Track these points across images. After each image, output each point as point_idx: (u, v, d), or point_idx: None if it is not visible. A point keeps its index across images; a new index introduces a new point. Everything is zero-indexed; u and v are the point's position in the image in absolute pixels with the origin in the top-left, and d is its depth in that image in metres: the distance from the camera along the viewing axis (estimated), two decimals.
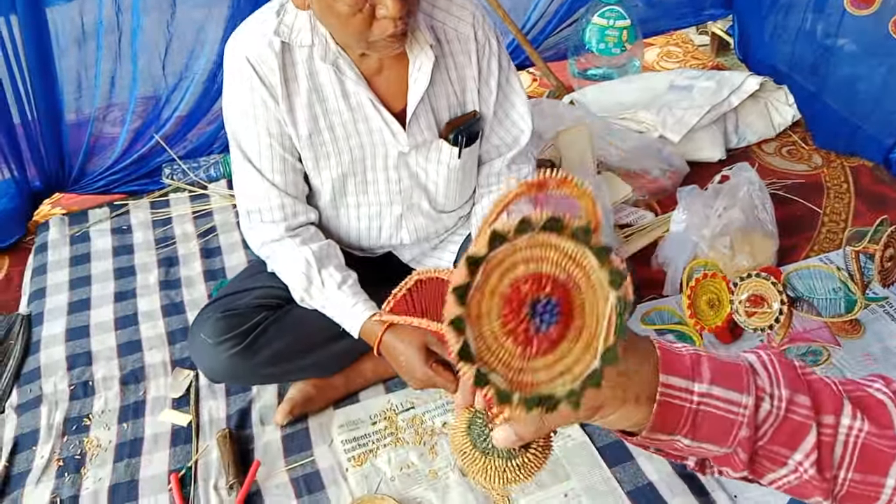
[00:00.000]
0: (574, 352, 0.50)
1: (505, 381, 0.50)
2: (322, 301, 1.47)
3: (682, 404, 0.59)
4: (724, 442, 0.61)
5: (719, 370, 0.61)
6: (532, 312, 0.49)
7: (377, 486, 1.47)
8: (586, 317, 0.50)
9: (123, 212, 2.34)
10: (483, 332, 0.49)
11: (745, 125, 2.50)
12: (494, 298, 0.49)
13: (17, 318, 1.95)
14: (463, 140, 1.49)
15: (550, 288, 0.49)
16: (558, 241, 0.48)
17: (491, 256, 0.48)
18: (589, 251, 0.49)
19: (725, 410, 0.60)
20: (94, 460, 1.56)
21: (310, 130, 1.42)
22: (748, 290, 1.53)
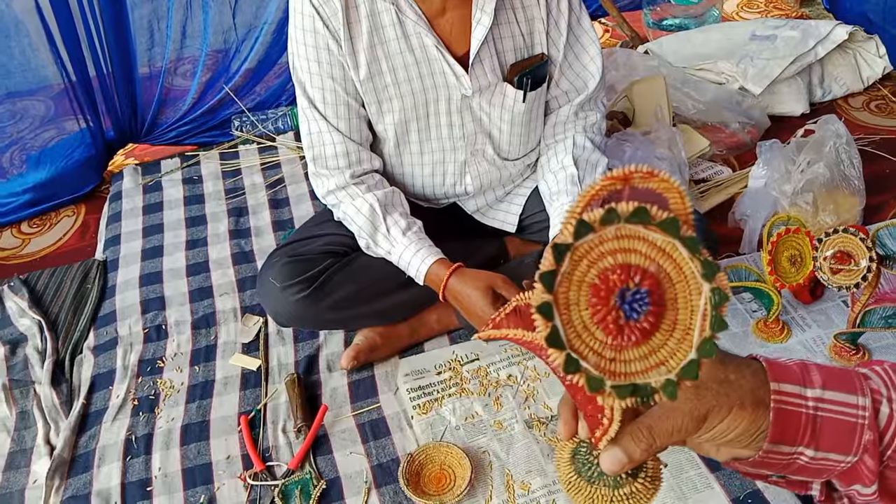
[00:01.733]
0: (668, 345, 0.48)
1: (596, 369, 0.48)
2: (388, 247, 1.47)
3: (798, 410, 0.56)
4: (850, 449, 0.57)
5: (829, 375, 0.58)
6: (622, 301, 0.47)
7: (442, 434, 1.47)
8: (679, 310, 0.48)
9: (194, 162, 2.37)
10: (572, 321, 0.47)
11: (830, 78, 2.36)
12: (582, 288, 0.47)
13: (93, 264, 2.01)
14: (528, 83, 1.45)
15: (640, 278, 0.47)
16: (646, 232, 0.47)
17: (577, 245, 0.47)
18: (679, 243, 0.46)
19: (844, 414, 0.56)
20: (167, 401, 1.60)
21: (372, 73, 1.41)
22: (834, 246, 1.45)
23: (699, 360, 0.47)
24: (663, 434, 0.55)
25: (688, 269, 0.47)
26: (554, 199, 1.53)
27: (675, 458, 1.38)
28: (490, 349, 1.64)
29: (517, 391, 1.54)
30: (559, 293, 0.47)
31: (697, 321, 0.47)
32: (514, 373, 1.58)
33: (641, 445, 0.55)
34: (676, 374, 0.47)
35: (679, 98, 2.18)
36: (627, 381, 0.48)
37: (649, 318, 0.47)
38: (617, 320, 0.47)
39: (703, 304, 0.47)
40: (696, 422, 0.55)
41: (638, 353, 0.48)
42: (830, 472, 0.59)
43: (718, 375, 0.57)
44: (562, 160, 1.55)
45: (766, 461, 0.58)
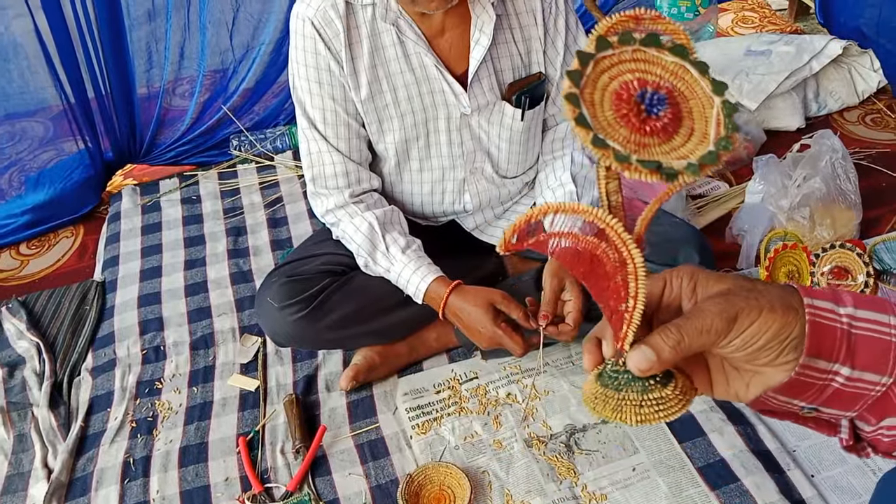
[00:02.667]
0: (688, 146, 0.51)
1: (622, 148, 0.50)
2: (386, 265, 1.47)
3: (832, 325, 0.54)
4: (885, 369, 0.55)
5: (859, 297, 0.57)
6: (642, 100, 0.51)
7: (441, 454, 1.46)
8: (695, 120, 0.52)
9: (193, 182, 2.38)
10: (598, 118, 0.50)
11: (826, 92, 2.37)
12: (606, 92, 0.51)
13: (92, 285, 2.01)
14: (526, 102, 1.46)
15: (656, 87, 0.51)
16: (659, 55, 0.52)
17: (599, 57, 0.51)
18: (689, 64, 0.51)
19: (878, 332, 0.55)
20: (165, 422, 1.60)
21: (373, 93, 1.42)
22: (831, 261, 1.46)
23: (717, 151, 0.50)
24: (692, 332, 0.54)
25: (699, 88, 0.52)
26: None
27: (675, 478, 1.38)
28: (489, 367, 1.64)
29: (516, 410, 1.53)
30: (585, 93, 0.50)
31: (713, 126, 0.51)
32: (513, 391, 1.58)
33: (670, 342, 0.54)
34: (698, 159, 0.50)
35: None
36: (650, 159, 0.50)
37: (668, 117, 0.51)
38: (639, 115, 0.50)
39: (716, 113, 0.51)
40: (726, 322, 0.54)
41: (661, 150, 0.51)
42: (864, 399, 0.57)
43: (746, 285, 0.56)
44: (560, 177, 1.56)
45: (802, 380, 0.56)
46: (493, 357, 1.65)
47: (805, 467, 1.38)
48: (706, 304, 0.55)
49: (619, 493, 1.36)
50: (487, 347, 1.46)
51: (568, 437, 1.47)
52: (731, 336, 0.54)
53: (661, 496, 1.35)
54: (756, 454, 1.39)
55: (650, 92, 0.51)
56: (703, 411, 1.48)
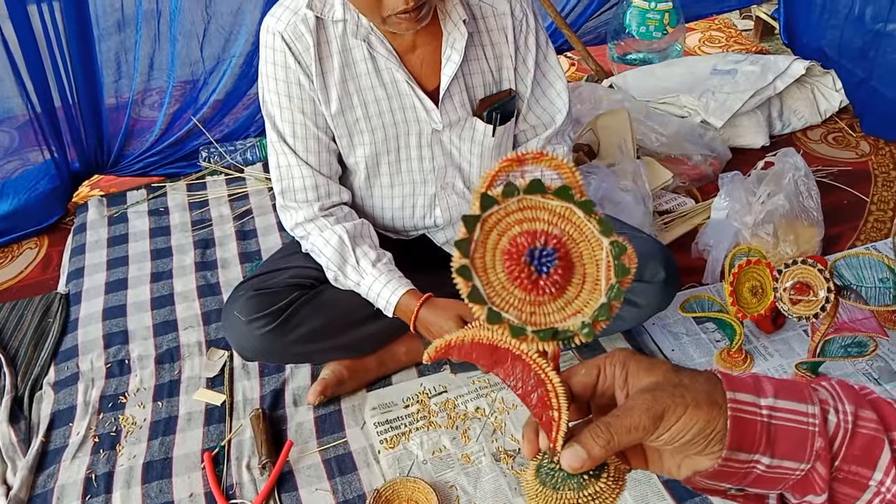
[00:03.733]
0: (581, 296, 0.53)
1: (518, 319, 0.52)
2: (357, 279, 1.47)
3: (753, 418, 0.57)
4: (802, 456, 0.58)
5: (780, 385, 0.60)
6: (532, 260, 0.52)
7: (409, 468, 1.46)
8: (586, 265, 0.53)
9: (161, 194, 2.36)
10: (491, 282, 0.52)
11: (789, 111, 2.43)
12: (496, 254, 0.52)
13: (55, 297, 1.98)
14: (497, 118, 1.47)
15: (546, 239, 0.52)
16: (544, 201, 0.52)
17: (486, 216, 0.52)
18: (575, 206, 0.52)
19: (796, 422, 0.58)
20: (129, 437, 1.57)
21: (343, 108, 1.42)
22: (793, 277, 1.48)
23: (609, 302, 0.52)
24: (621, 430, 0.56)
25: (587, 229, 0.53)
26: None
27: (641, 491, 1.38)
28: (458, 381, 1.64)
29: (485, 424, 1.54)
30: (475, 259, 0.52)
31: (603, 271, 0.53)
32: (482, 405, 1.58)
33: (600, 441, 0.56)
34: (591, 316, 0.52)
35: (643, 131, 2.22)
36: (545, 327, 0.52)
37: (559, 272, 0.52)
38: (530, 276, 0.52)
39: (606, 256, 0.52)
40: (653, 419, 0.56)
41: (555, 306, 0.53)
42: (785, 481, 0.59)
43: (673, 380, 0.59)
44: None
45: (725, 470, 0.58)
46: (462, 371, 1.65)
47: None
48: (635, 401, 0.57)
49: None
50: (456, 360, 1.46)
51: None
52: (658, 432, 0.56)
53: None
54: None
55: (538, 248, 0.52)
56: None
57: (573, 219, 0.53)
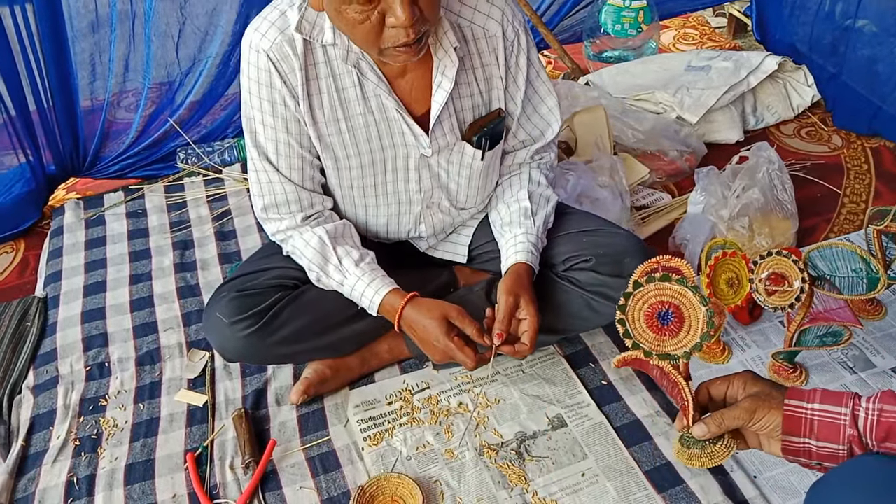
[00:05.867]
0: (687, 338, 1.00)
1: (649, 348, 1.02)
2: (339, 278, 1.46)
3: (798, 415, 0.93)
4: (838, 440, 0.91)
5: (827, 395, 0.94)
6: (659, 317, 1.00)
7: (393, 465, 1.47)
8: (692, 321, 0.99)
9: (138, 196, 2.34)
10: (636, 328, 1.01)
11: (763, 106, 2.46)
12: (640, 313, 1.01)
13: (33, 301, 1.96)
14: (486, 143, 1.47)
15: (668, 306, 1.00)
16: (670, 285, 0.99)
17: (636, 293, 1.00)
18: (687, 289, 0.98)
19: (831, 418, 0.92)
20: (110, 440, 1.56)
21: (330, 131, 1.40)
22: (769, 268, 1.50)
23: (701, 342, 0.99)
24: (729, 417, 0.97)
25: (694, 302, 0.98)
26: (505, 229, 1.54)
27: (623, 482, 1.40)
28: (440, 377, 1.64)
29: (469, 419, 1.55)
30: (628, 315, 1.01)
31: (700, 326, 0.99)
32: (464, 401, 1.59)
33: (716, 421, 0.98)
34: (689, 349, 1.00)
35: (619, 127, 2.25)
36: (664, 353, 1.01)
37: (675, 324, 1.00)
38: (658, 326, 1.01)
39: (702, 318, 0.98)
40: (749, 413, 0.96)
41: (671, 343, 1.01)
42: (837, 457, 0.92)
43: (767, 391, 0.98)
44: (516, 193, 1.57)
45: (791, 448, 0.94)
46: (444, 367, 1.66)
47: (748, 468, 1.42)
48: (742, 402, 0.98)
49: (569, 499, 1.38)
50: (440, 360, 1.46)
51: (518, 445, 1.49)
52: (752, 422, 0.96)
53: (610, 500, 1.37)
54: None
55: (664, 311, 0.99)
56: (649, 416, 1.52)
57: (686, 295, 0.98)
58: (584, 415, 1.54)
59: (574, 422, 1.53)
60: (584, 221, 1.60)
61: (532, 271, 1.48)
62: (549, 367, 1.65)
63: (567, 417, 1.54)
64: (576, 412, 1.55)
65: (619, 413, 1.53)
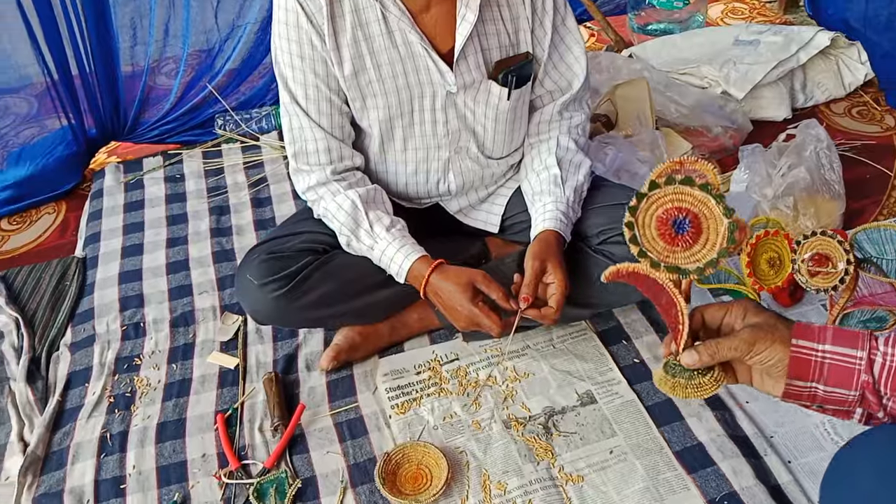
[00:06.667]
0: (702, 252, 0.86)
1: (657, 258, 0.88)
2: (370, 243, 1.46)
3: (808, 358, 0.83)
4: (850, 385, 0.82)
5: (840, 334, 0.83)
6: (674, 225, 0.86)
7: (420, 433, 1.46)
8: (710, 234, 0.85)
9: (177, 161, 2.36)
10: (646, 234, 0.88)
11: (813, 83, 2.38)
12: (652, 218, 0.87)
13: (72, 261, 1.99)
14: (513, 81, 1.45)
15: (686, 214, 0.85)
16: (692, 190, 0.85)
17: (651, 194, 0.86)
18: (711, 196, 0.84)
19: (845, 361, 0.82)
20: (143, 399, 1.59)
21: (356, 69, 1.40)
22: (812, 248, 1.45)
23: (718, 258, 0.86)
24: (724, 347, 0.86)
25: (716, 212, 0.85)
26: (536, 199, 1.53)
27: (652, 461, 1.38)
28: (470, 349, 1.63)
29: (497, 391, 1.53)
30: (638, 219, 0.87)
31: (720, 240, 0.85)
32: (493, 373, 1.58)
33: (709, 350, 0.86)
34: (704, 263, 0.86)
35: (662, 102, 2.19)
36: (673, 265, 0.87)
37: (690, 235, 0.86)
38: (671, 234, 0.87)
39: (724, 230, 0.85)
40: (748, 345, 0.85)
41: (683, 255, 0.87)
42: (845, 402, 0.84)
43: (771, 322, 0.86)
44: (545, 160, 1.55)
45: (793, 391, 0.85)
46: (474, 339, 1.65)
47: (782, 453, 1.39)
48: (741, 332, 0.86)
49: (596, 475, 1.37)
50: (465, 327, 1.45)
51: (546, 419, 1.47)
52: (751, 354, 0.85)
53: (638, 479, 1.35)
54: (733, 439, 1.40)
55: (680, 218, 0.85)
56: None
57: (708, 203, 0.84)
58: (615, 392, 1.52)
59: (604, 399, 1.50)
60: (620, 195, 1.57)
61: (561, 239, 1.45)
62: (581, 343, 1.63)
63: (597, 394, 1.52)
64: (606, 389, 1.52)
65: (651, 392, 1.50)
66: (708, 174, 0.84)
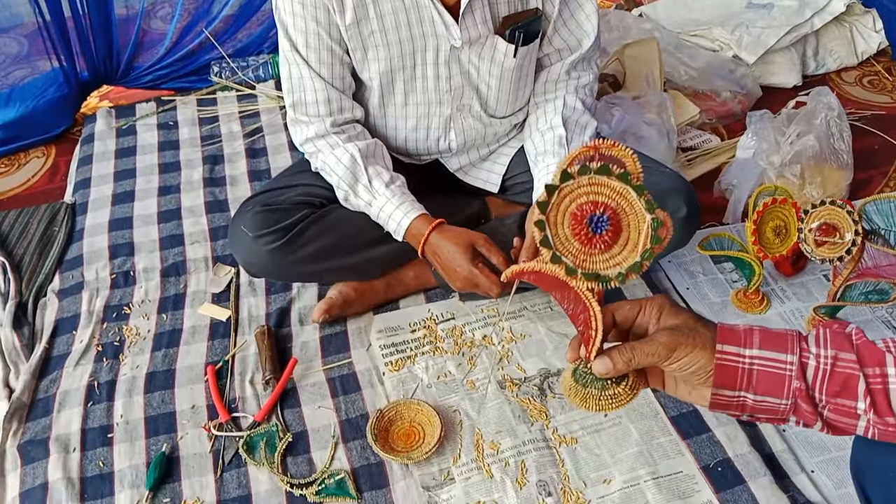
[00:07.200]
0: (623, 254, 0.71)
1: (573, 263, 0.72)
2: (368, 199, 1.43)
3: (735, 365, 0.74)
4: (781, 394, 0.74)
5: (768, 337, 0.75)
6: (591, 223, 0.71)
7: (413, 391, 1.44)
8: (631, 233, 0.71)
9: (170, 108, 2.30)
10: (558, 234, 0.71)
11: (825, 50, 2.33)
12: (566, 214, 0.71)
13: (61, 207, 1.95)
14: (520, 37, 1.40)
15: (603, 209, 0.70)
16: (608, 181, 0.70)
17: (562, 186, 0.70)
18: (630, 188, 0.69)
19: (775, 368, 0.74)
20: (132, 348, 1.56)
21: (358, 17, 1.35)
22: (820, 218, 1.42)
23: (641, 261, 0.71)
24: (641, 354, 0.74)
25: (637, 206, 0.70)
26: (539, 159, 1.49)
27: (647, 425, 1.36)
28: (466, 309, 1.61)
29: (492, 352, 1.51)
30: (549, 216, 0.71)
31: (642, 239, 0.70)
32: (489, 333, 1.55)
33: (624, 357, 0.74)
34: (625, 269, 0.71)
35: (672, 63, 2.14)
36: (592, 271, 0.72)
37: (609, 234, 0.71)
38: (588, 235, 0.71)
39: (646, 228, 0.70)
40: (668, 350, 0.74)
41: (602, 258, 0.72)
42: (777, 412, 0.75)
43: (691, 325, 0.76)
44: (550, 120, 1.51)
45: (721, 402, 0.76)
46: (470, 299, 1.62)
47: None
48: (658, 335, 0.76)
49: (590, 438, 1.35)
50: (462, 288, 1.43)
51: (542, 381, 1.45)
52: (669, 361, 0.75)
53: (632, 442, 1.34)
54: None
55: (597, 215, 0.70)
56: None
57: (628, 197, 0.70)
58: None
59: None
60: None
61: None
62: None
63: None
64: None
65: None
66: (627, 161, 0.70)
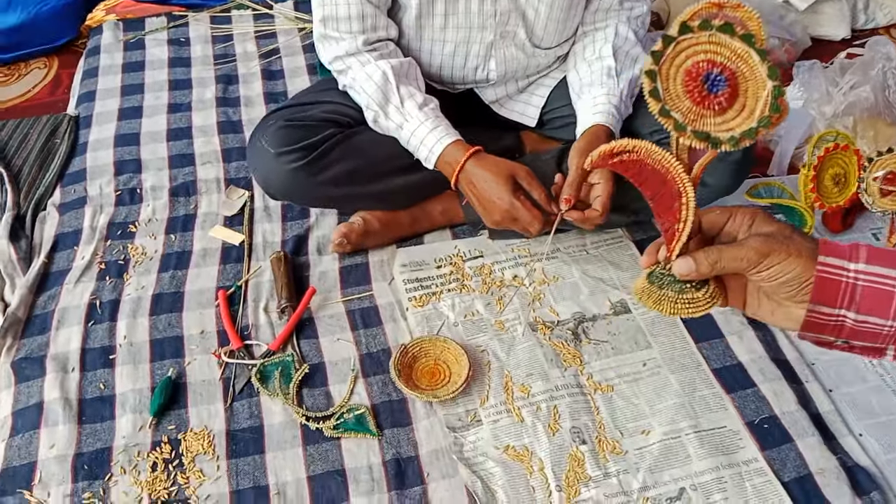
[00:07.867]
0: (737, 120, 0.63)
1: (682, 119, 0.64)
2: (399, 121, 1.32)
3: (837, 279, 0.66)
4: (887, 314, 0.66)
5: (876, 252, 0.67)
6: (706, 81, 0.63)
7: (439, 328, 1.35)
8: (748, 99, 0.63)
9: (182, 24, 2.17)
10: (668, 89, 0.64)
11: (876, 4, 2.21)
12: (679, 69, 0.63)
13: (64, 119, 1.83)
14: None
15: (721, 70, 0.62)
16: (730, 41, 0.62)
17: (680, 39, 0.62)
18: (753, 51, 0.61)
19: (882, 284, 0.65)
20: (137, 267, 1.46)
21: None
22: (886, 167, 1.33)
23: (757, 128, 0.63)
24: (729, 257, 0.67)
25: (757, 71, 0.62)
26: (585, 91, 1.38)
27: (688, 376, 1.28)
28: (495, 247, 1.51)
29: (523, 293, 1.42)
30: (662, 68, 0.63)
31: (760, 105, 0.62)
32: (520, 274, 1.46)
33: (710, 259, 0.67)
34: (740, 133, 0.63)
35: None
36: (703, 131, 0.64)
37: (725, 96, 0.63)
38: (701, 93, 0.63)
39: (766, 95, 0.62)
40: (759, 255, 0.66)
41: (714, 120, 0.64)
42: (878, 336, 0.67)
43: (786, 232, 0.68)
44: (599, 49, 1.40)
45: (816, 321, 0.68)
46: (501, 238, 1.52)
47: (823, 381, 1.30)
48: (749, 240, 0.68)
49: (627, 386, 1.27)
50: (498, 223, 1.32)
51: (576, 325, 1.36)
52: (759, 268, 0.67)
53: (672, 393, 1.25)
54: (775, 362, 1.30)
55: (714, 73, 0.63)
56: (723, 313, 1.38)
57: (749, 60, 0.62)
58: None
59: (639, 309, 1.39)
60: None
61: (611, 136, 1.31)
62: (616, 251, 1.51)
63: (631, 304, 1.40)
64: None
65: None
66: (752, 24, 0.63)
